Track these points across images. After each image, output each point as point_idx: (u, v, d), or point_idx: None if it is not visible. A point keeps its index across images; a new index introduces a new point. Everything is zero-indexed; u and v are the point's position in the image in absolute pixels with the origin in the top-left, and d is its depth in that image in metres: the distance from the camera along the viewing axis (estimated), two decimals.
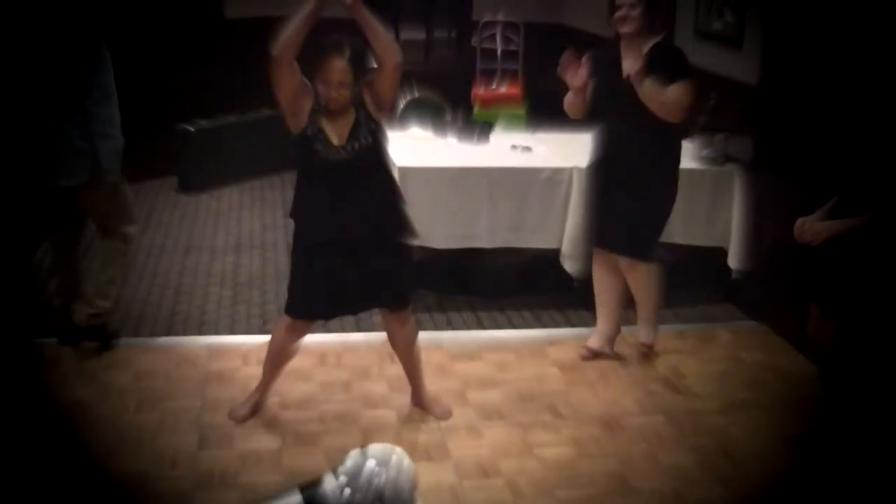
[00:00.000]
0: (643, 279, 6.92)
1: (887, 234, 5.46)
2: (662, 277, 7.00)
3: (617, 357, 7.16)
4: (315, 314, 6.04)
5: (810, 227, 5.64)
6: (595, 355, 7.16)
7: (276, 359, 6.15)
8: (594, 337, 7.23)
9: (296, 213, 5.84)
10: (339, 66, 5.44)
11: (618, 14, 6.54)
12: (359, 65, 5.50)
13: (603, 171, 6.85)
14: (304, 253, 5.84)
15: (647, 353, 7.13)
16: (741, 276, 7.74)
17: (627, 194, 6.68)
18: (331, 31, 5.60)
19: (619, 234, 6.81)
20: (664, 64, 6.46)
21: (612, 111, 6.70)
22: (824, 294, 5.89)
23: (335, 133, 5.59)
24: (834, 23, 7.00)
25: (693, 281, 8.12)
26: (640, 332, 7.17)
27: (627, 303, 7.08)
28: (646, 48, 6.54)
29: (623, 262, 6.91)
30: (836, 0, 7.03)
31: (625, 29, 6.55)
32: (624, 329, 7.31)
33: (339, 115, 5.59)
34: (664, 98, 6.41)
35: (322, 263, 5.73)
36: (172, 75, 6.93)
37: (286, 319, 6.00)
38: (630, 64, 6.44)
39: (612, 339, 7.22)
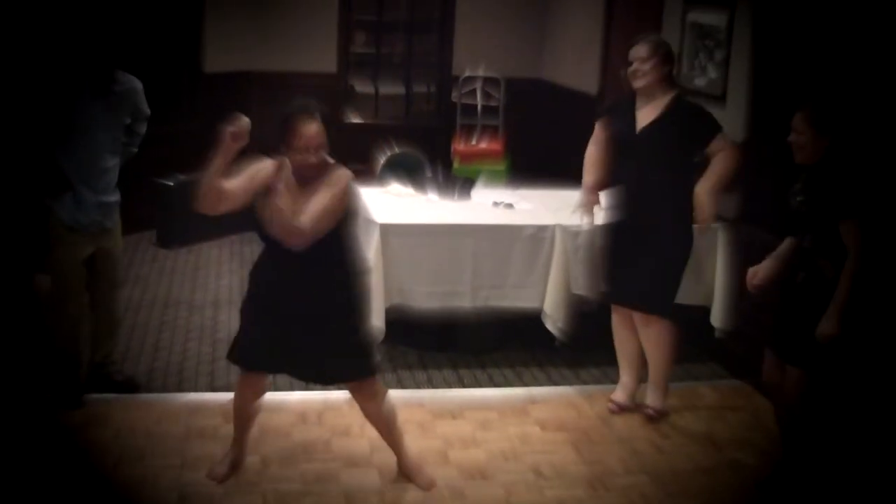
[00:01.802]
0: (656, 336, 6.96)
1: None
2: (677, 339, 7.03)
3: (599, 416, 7.11)
4: (255, 365, 5.93)
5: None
6: (622, 409, 7.17)
7: (239, 414, 6.10)
8: (619, 391, 7.25)
9: (252, 273, 5.91)
10: (315, 129, 5.38)
11: (630, 69, 6.66)
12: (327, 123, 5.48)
13: (622, 228, 6.91)
14: (252, 311, 5.85)
15: (654, 418, 7.07)
16: (724, 334, 7.70)
17: (644, 248, 6.78)
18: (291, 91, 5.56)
19: (636, 290, 6.89)
20: (694, 123, 6.67)
21: (627, 165, 6.79)
22: (778, 338, 6.00)
23: (299, 206, 5.44)
24: (820, 79, 7.03)
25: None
26: (648, 395, 7.15)
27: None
28: (663, 103, 6.69)
29: (638, 318, 6.96)
30: (821, 58, 7.06)
31: (637, 83, 6.71)
32: (601, 388, 7.42)
33: (304, 188, 5.48)
34: (725, 174, 6.72)
35: (270, 325, 5.72)
36: (150, 129, 6.90)
37: (239, 377, 6.05)
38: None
39: (635, 391, 7.23)
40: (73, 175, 6.57)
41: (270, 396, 6.92)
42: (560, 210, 7.85)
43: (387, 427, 6.10)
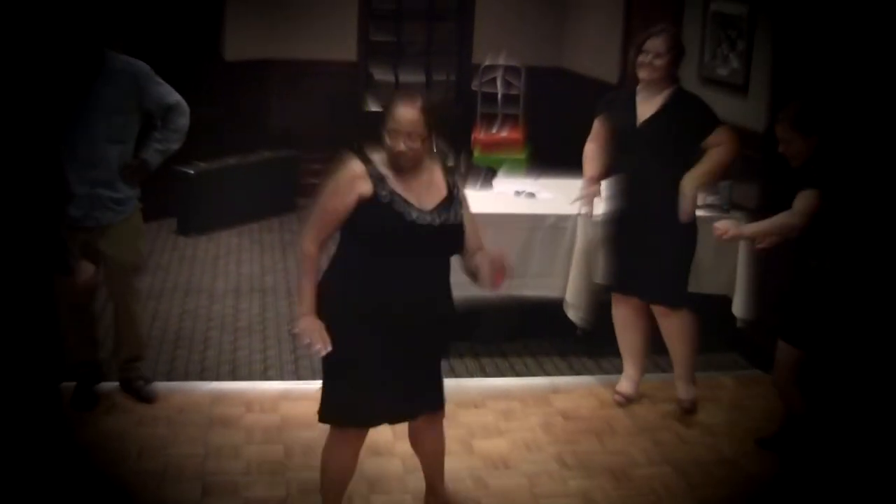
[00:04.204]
0: (678, 326, 6.94)
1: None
2: (698, 327, 7.02)
3: (621, 406, 7.13)
4: (365, 417, 5.16)
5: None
6: (629, 400, 7.16)
7: (339, 479, 5.31)
8: (625, 382, 7.23)
9: (340, 287, 5.02)
10: (409, 116, 4.83)
11: (642, 59, 6.58)
12: (436, 116, 4.95)
13: (624, 218, 6.87)
14: (350, 336, 4.94)
15: (690, 410, 7.05)
16: (746, 324, 7.68)
17: (654, 240, 6.73)
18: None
19: (652, 284, 6.84)
20: (694, 116, 6.61)
21: (628, 156, 6.77)
22: (788, 322, 6.18)
23: (414, 195, 4.96)
24: (840, 69, 7.00)
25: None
26: (678, 389, 7.12)
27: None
28: (664, 96, 6.66)
29: (657, 310, 6.94)
30: (843, 47, 7.03)
31: (646, 75, 6.64)
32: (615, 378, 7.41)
33: (415, 177, 4.98)
34: (715, 168, 6.67)
35: (377, 352, 4.96)
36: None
37: (331, 432, 5.20)
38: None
39: (639, 381, 7.23)
40: (64, 162, 5.77)
41: (293, 385, 7.02)
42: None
43: (439, 453, 5.58)
